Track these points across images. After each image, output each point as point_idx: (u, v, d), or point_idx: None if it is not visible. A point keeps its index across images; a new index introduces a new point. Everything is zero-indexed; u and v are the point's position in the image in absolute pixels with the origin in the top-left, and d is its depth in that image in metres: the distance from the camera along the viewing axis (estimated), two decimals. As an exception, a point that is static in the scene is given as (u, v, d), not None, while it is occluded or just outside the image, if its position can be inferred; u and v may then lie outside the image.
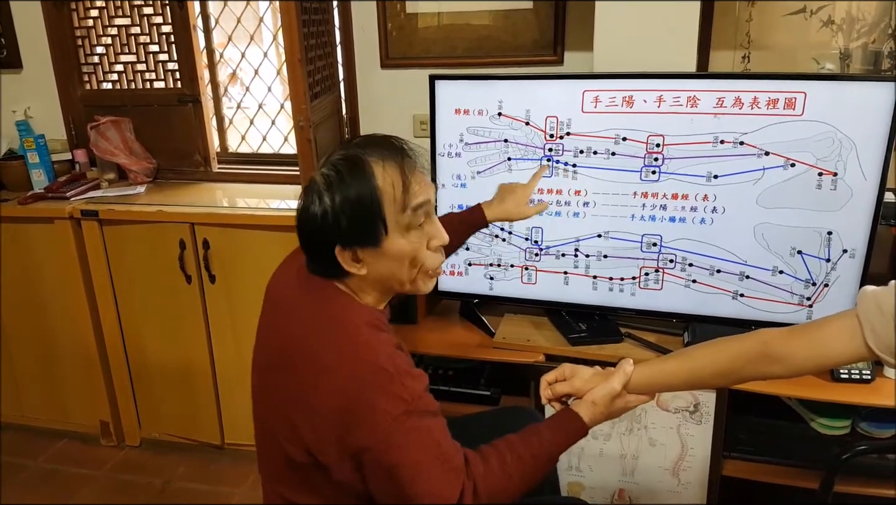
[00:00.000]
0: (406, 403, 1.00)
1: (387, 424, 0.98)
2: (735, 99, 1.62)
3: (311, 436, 1.04)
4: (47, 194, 2.40)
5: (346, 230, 1.04)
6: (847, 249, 1.64)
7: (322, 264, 1.09)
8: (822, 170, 1.61)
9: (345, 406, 1.00)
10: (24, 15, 2.56)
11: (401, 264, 1.09)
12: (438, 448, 1.02)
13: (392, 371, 1.01)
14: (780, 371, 1.07)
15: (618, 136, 1.72)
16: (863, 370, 1.64)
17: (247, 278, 2.21)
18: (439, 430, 1.04)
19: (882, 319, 0.95)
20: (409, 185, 1.06)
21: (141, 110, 2.58)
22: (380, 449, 0.99)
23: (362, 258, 1.07)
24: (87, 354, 2.43)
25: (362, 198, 1.04)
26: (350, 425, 1.00)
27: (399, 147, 1.09)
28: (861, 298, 0.99)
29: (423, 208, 1.09)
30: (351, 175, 1.04)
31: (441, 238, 1.13)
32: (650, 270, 1.80)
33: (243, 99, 2.68)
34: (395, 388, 1.00)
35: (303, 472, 1.10)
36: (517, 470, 1.08)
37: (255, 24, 2.60)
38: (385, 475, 1.00)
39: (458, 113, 1.84)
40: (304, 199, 1.08)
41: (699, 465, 1.72)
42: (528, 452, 1.10)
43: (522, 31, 2.15)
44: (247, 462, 2.39)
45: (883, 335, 0.95)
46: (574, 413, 1.15)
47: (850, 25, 1.90)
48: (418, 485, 0.99)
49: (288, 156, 2.58)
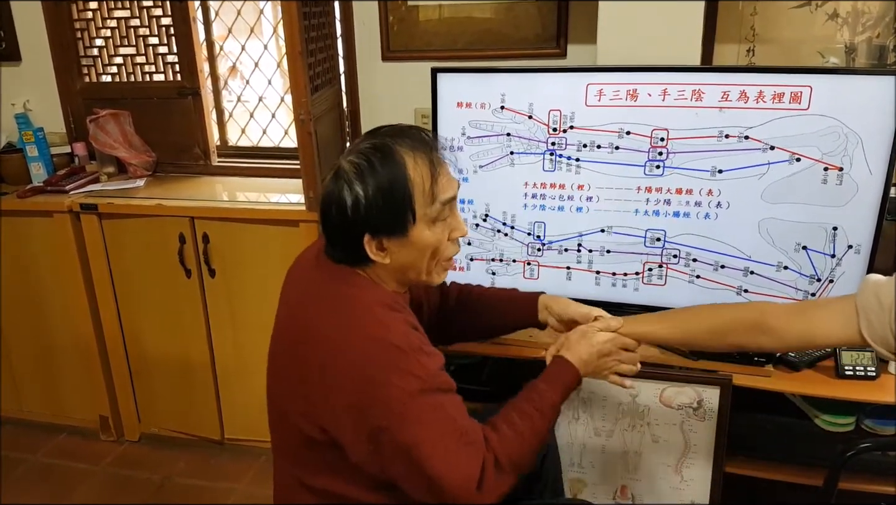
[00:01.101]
0: (421, 381, 1.01)
1: (402, 401, 0.99)
2: (740, 93, 1.60)
3: (327, 416, 1.05)
4: (46, 188, 2.39)
5: (376, 219, 1.05)
6: (852, 245, 1.63)
7: (345, 251, 1.10)
8: (827, 164, 1.59)
9: (359, 385, 1.00)
10: (23, 8, 2.55)
11: (423, 254, 1.11)
12: (455, 424, 1.03)
13: (406, 348, 1.02)
14: (770, 344, 1.14)
15: (621, 130, 1.70)
16: (867, 367, 1.63)
17: (246, 272, 2.20)
18: (455, 407, 1.05)
19: (880, 311, 0.97)
20: (437, 177, 1.08)
21: (140, 103, 2.57)
22: (395, 428, 0.99)
23: (387, 247, 1.08)
24: (86, 349, 2.42)
25: (395, 187, 1.04)
26: (365, 404, 1.00)
27: (427, 140, 1.10)
28: (863, 286, 1.02)
29: (450, 203, 1.11)
30: (383, 164, 1.05)
31: (461, 230, 1.16)
32: (654, 266, 1.78)
33: (243, 92, 2.67)
34: (409, 365, 1.01)
35: (319, 452, 1.10)
36: (527, 427, 1.10)
37: (255, 16, 2.59)
38: (402, 455, 1.00)
39: (460, 106, 1.82)
40: (332, 187, 1.07)
41: (702, 462, 1.71)
42: (531, 406, 1.12)
43: (525, 23, 2.14)
44: (247, 457, 2.38)
45: (878, 327, 0.97)
46: (563, 359, 1.20)
47: (856, 19, 1.89)
48: (436, 463, 1.00)
49: (288, 149, 2.57)
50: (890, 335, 0.96)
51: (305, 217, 2.06)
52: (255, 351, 2.27)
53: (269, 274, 2.17)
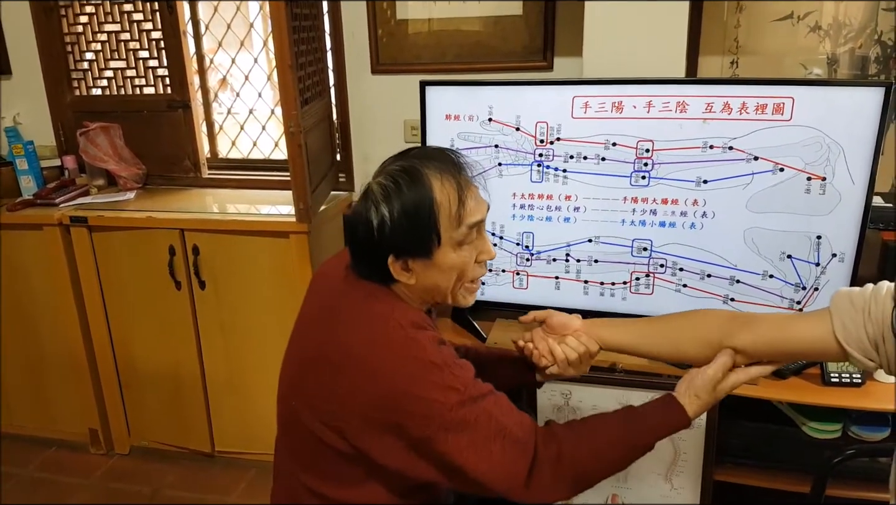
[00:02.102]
0: (459, 393, 1.03)
1: (443, 415, 1.01)
2: (724, 104, 1.63)
3: (363, 433, 1.05)
4: (36, 201, 2.39)
5: (401, 240, 1.06)
6: (836, 253, 1.65)
7: (370, 269, 1.11)
8: (810, 174, 1.61)
9: (400, 403, 1.02)
10: (13, 20, 2.55)
11: (448, 277, 1.12)
12: (499, 425, 1.05)
13: (440, 364, 1.03)
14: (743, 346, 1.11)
15: (608, 142, 1.72)
16: (853, 374, 1.65)
17: (237, 284, 2.20)
18: (498, 407, 1.07)
19: (854, 312, 0.97)
20: (465, 200, 1.09)
21: (130, 116, 2.57)
22: (439, 439, 1.02)
23: (412, 268, 1.09)
24: (75, 362, 2.41)
25: (420, 210, 1.05)
26: (407, 421, 1.02)
27: (456, 161, 1.11)
28: (835, 295, 1.02)
29: (478, 225, 1.12)
30: (409, 186, 1.06)
31: (489, 253, 1.16)
32: (641, 275, 1.80)
33: (233, 104, 2.68)
34: (447, 379, 1.03)
35: (341, 463, 1.10)
36: (606, 452, 1.10)
37: (245, 29, 2.60)
38: (446, 462, 1.03)
39: (448, 118, 1.84)
40: (360, 207, 1.09)
41: (692, 469, 1.72)
42: (622, 433, 1.12)
43: (512, 36, 2.16)
44: (237, 470, 2.37)
45: (853, 329, 0.97)
46: (680, 406, 1.14)
47: (837, 31, 1.92)
48: (481, 465, 1.03)
49: (278, 161, 2.58)
50: (864, 336, 0.96)
51: (295, 228, 2.07)
52: (246, 363, 2.27)
53: (260, 285, 2.18)
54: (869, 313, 0.95)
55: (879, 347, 0.95)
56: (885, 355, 0.95)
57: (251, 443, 2.35)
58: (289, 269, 2.10)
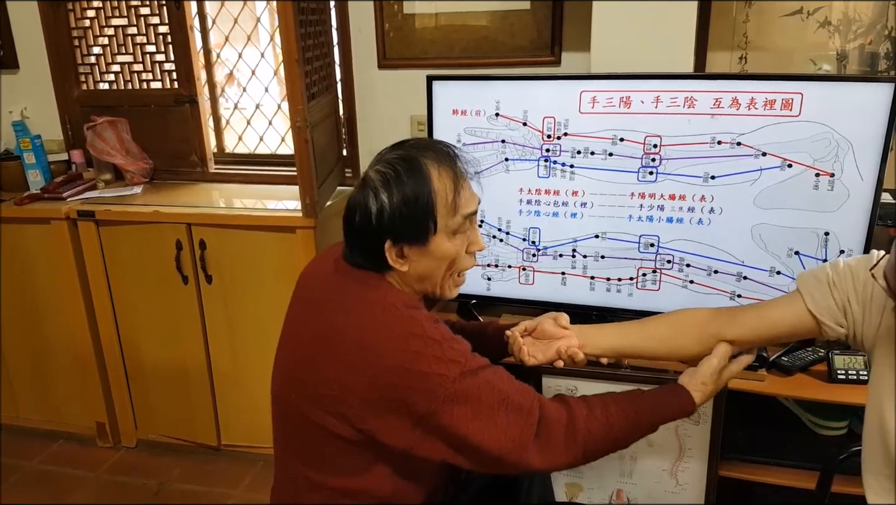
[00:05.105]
0: (460, 365, 1.05)
1: (446, 387, 1.03)
2: (732, 100, 1.62)
3: (367, 414, 1.06)
4: (44, 195, 2.40)
5: (399, 226, 1.08)
6: (844, 250, 1.64)
7: (365, 257, 1.13)
8: (819, 170, 1.61)
9: (404, 380, 1.03)
10: (20, 15, 2.56)
11: (440, 264, 1.14)
12: (501, 394, 1.08)
13: (439, 339, 1.06)
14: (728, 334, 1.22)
15: (615, 137, 1.72)
16: (860, 371, 1.64)
17: (243, 279, 2.21)
18: (498, 378, 1.10)
19: (819, 285, 1.12)
20: (460, 190, 1.12)
21: (138, 111, 2.58)
22: (444, 411, 1.04)
23: (407, 255, 1.12)
24: (83, 355, 2.42)
25: (419, 197, 1.08)
26: (410, 397, 1.03)
27: (452, 154, 1.14)
28: (799, 277, 1.17)
29: (471, 217, 1.15)
30: (409, 174, 1.09)
31: (479, 244, 1.20)
32: (648, 271, 1.80)
33: (240, 99, 2.68)
34: (447, 353, 1.05)
35: (343, 450, 1.11)
36: (615, 422, 1.14)
37: (252, 24, 2.60)
38: (455, 434, 1.05)
39: (455, 114, 1.84)
40: (359, 195, 1.11)
41: (697, 466, 1.72)
42: (630, 407, 1.17)
43: (520, 31, 2.15)
44: (243, 463, 2.38)
45: (821, 300, 1.12)
46: (687, 392, 1.20)
47: (847, 27, 1.91)
48: (488, 434, 1.05)
49: (285, 156, 2.58)
50: (833, 303, 1.10)
51: (302, 223, 2.07)
52: (252, 357, 2.28)
53: (266, 280, 2.18)
54: (834, 284, 1.10)
55: (847, 310, 1.09)
56: (852, 317, 1.09)
57: (257, 436, 2.36)
58: (295, 263, 2.11)
